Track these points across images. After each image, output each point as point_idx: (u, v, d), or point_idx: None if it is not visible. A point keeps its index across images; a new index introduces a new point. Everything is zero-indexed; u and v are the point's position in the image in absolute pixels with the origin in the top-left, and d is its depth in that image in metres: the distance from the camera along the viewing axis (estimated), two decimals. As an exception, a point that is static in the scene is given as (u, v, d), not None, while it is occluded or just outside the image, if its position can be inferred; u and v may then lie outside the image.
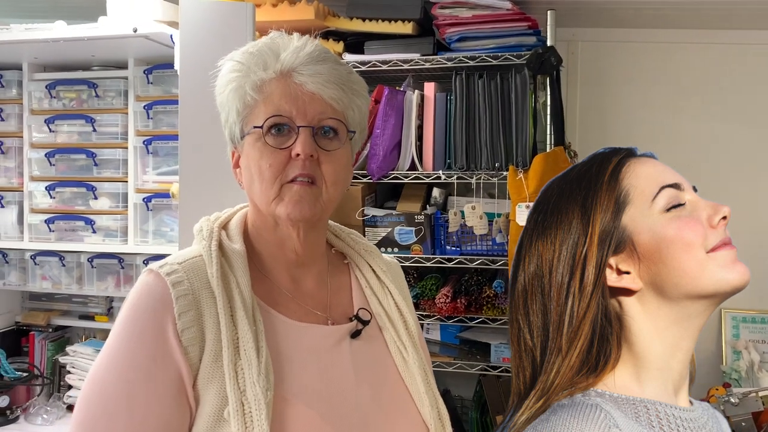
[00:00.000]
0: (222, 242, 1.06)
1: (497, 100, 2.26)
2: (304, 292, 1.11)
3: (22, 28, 2.17)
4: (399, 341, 1.14)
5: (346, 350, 1.08)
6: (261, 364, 0.96)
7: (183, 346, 0.96)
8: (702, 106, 2.70)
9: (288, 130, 1.03)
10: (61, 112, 2.47)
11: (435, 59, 2.32)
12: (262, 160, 1.03)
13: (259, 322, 1.01)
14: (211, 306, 0.99)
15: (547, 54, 2.12)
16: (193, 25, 1.72)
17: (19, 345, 2.63)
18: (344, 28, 2.40)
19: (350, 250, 1.21)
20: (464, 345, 2.46)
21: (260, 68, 1.04)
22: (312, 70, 1.03)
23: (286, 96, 1.03)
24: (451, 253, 2.33)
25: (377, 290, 1.17)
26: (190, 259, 1.03)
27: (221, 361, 0.96)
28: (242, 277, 1.02)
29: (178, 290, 0.98)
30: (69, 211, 2.45)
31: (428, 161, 2.33)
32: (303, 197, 1.03)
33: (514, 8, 2.21)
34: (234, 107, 1.06)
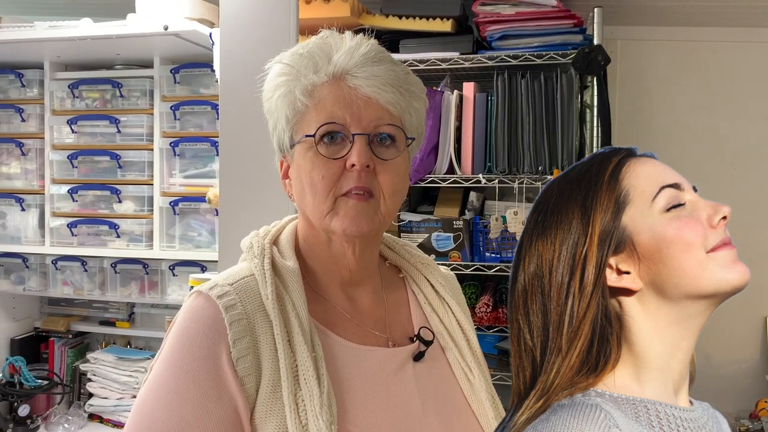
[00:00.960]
0: (274, 259, 1.00)
1: (541, 100, 2.20)
2: (362, 311, 1.05)
3: (46, 25, 2.11)
4: (463, 362, 1.08)
5: (410, 375, 1.02)
6: (323, 395, 0.90)
7: (239, 377, 0.90)
8: (745, 108, 2.62)
9: (342, 139, 0.97)
10: (84, 113, 2.41)
11: (475, 58, 2.27)
12: (314, 171, 0.97)
13: (318, 347, 0.94)
14: (267, 331, 0.93)
15: (594, 53, 2.06)
16: (233, 20, 1.63)
17: (38, 351, 2.63)
18: (379, 26, 2.36)
19: (405, 263, 1.14)
20: (503, 356, 2.39)
21: (311, 71, 0.98)
22: (367, 72, 0.97)
23: (339, 101, 0.97)
24: (491, 260, 2.27)
25: (437, 306, 1.11)
26: (241, 279, 0.97)
27: (280, 392, 0.90)
28: (298, 297, 0.96)
29: (232, 315, 0.92)
30: (92, 215, 2.40)
31: (467, 164, 2.27)
32: (360, 212, 0.96)
33: (560, 5, 2.16)
34: (283, 114, 1.00)
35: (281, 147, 1.02)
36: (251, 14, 1.63)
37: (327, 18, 2.26)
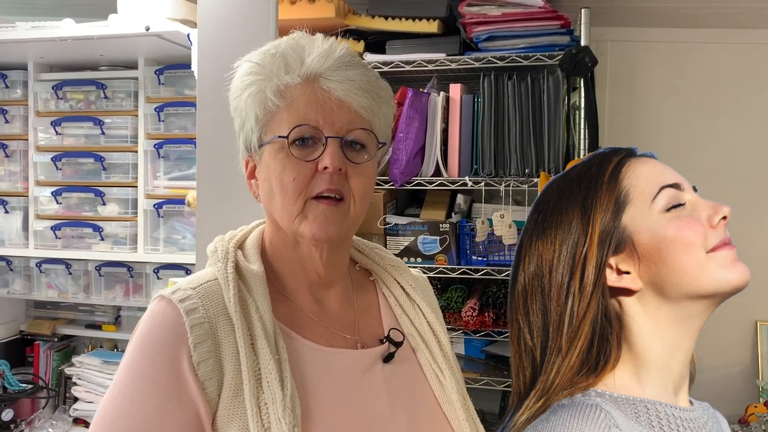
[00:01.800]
0: (239, 263, 1.00)
1: (528, 102, 2.18)
2: (330, 313, 1.04)
3: (28, 26, 2.09)
4: (434, 363, 1.07)
5: (379, 376, 1.01)
6: (286, 398, 0.89)
7: (200, 381, 0.89)
8: (736, 109, 2.60)
9: (314, 141, 0.96)
10: (68, 114, 2.39)
11: (461, 59, 2.25)
12: (284, 172, 0.96)
13: (282, 350, 0.94)
14: (229, 334, 0.92)
15: (581, 54, 2.03)
16: (212, 21, 1.62)
17: (23, 355, 2.61)
18: (365, 27, 2.34)
19: (375, 266, 1.14)
20: (490, 360, 2.38)
21: (283, 71, 0.97)
22: (341, 75, 0.97)
23: (312, 103, 0.96)
24: (478, 263, 2.25)
25: (407, 308, 1.11)
26: (204, 284, 0.97)
27: (242, 395, 0.90)
28: (262, 300, 0.96)
29: (193, 318, 0.91)
30: (76, 218, 2.38)
31: (453, 167, 2.24)
32: (329, 217, 0.96)
33: (546, 6, 2.14)
34: (253, 113, 0.99)
35: (248, 146, 1.01)
36: (229, 15, 1.61)
37: (312, 18, 2.25)
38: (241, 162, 1.05)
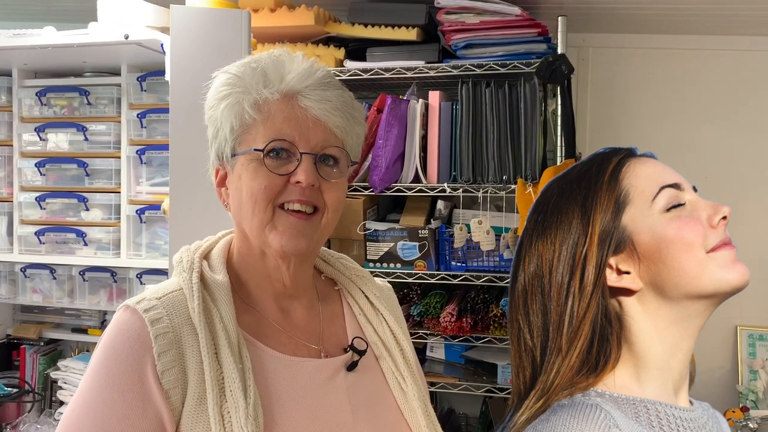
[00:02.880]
0: (204, 273, 1.01)
1: (505, 109, 2.18)
2: (294, 323, 1.06)
3: (10, 33, 2.11)
4: (397, 371, 1.09)
5: (342, 384, 1.03)
6: (249, 406, 0.91)
7: (164, 390, 0.90)
8: (717, 114, 2.61)
9: (288, 155, 0.99)
10: (52, 120, 2.40)
11: (440, 67, 2.25)
12: (255, 181, 0.98)
13: (246, 359, 0.95)
14: (193, 344, 0.94)
15: (557, 62, 2.04)
16: (184, 32, 1.63)
17: (10, 359, 2.60)
18: (345, 34, 2.33)
19: (341, 276, 1.16)
20: (469, 365, 2.38)
21: (261, 85, 0.99)
22: (319, 95, 1.00)
23: (289, 119, 0.98)
24: (457, 269, 2.25)
25: (371, 317, 1.13)
26: (169, 294, 0.98)
27: (206, 404, 0.91)
28: (226, 310, 0.97)
29: (157, 328, 0.92)
30: (60, 223, 2.38)
31: (433, 173, 2.25)
32: (300, 230, 0.99)
33: (524, 14, 2.14)
34: (228, 124, 1.00)
35: (220, 155, 1.02)
36: (202, 25, 1.62)
37: (292, 26, 2.26)
38: (211, 170, 1.06)
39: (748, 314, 2.55)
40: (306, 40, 2.35)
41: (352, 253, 2.35)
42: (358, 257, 2.34)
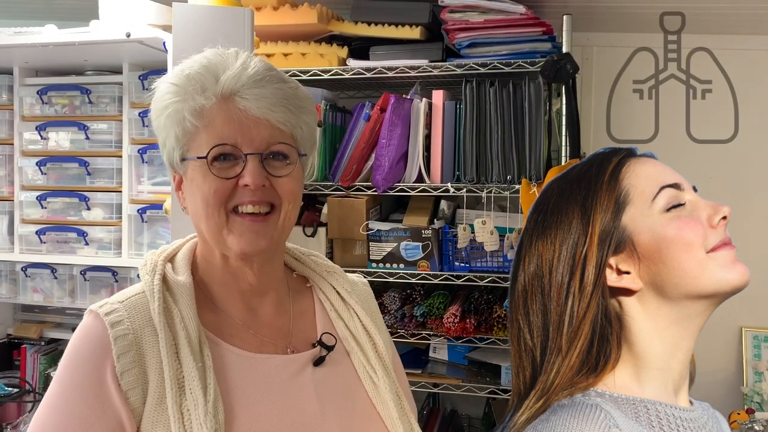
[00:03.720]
0: (166, 275, 1.03)
1: (509, 109, 2.16)
2: (262, 321, 1.07)
3: (10, 31, 2.09)
4: (368, 365, 1.10)
5: (309, 380, 1.04)
6: (208, 404, 0.92)
7: (123, 391, 0.92)
8: (723, 114, 2.57)
9: (234, 158, 0.98)
10: (53, 119, 2.38)
11: (444, 66, 2.24)
12: (205, 185, 0.98)
13: (207, 358, 0.97)
14: (153, 345, 0.96)
15: (562, 61, 2.02)
16: (186, 30, 1.61)
17: (11, 358, 2.58)
18: (348, 33, 2.32)
19: (311, 272, 1.17)
20: (473, 366, 2.37)
21: (198, 92, 0.98)
22: (256, 93, 0.99)
23: (229, 122, 0.98)
24: (460, 269, 2.24)
25: (342, 312, 1.13)
26: (132, 297, 1.00)
27: (166, 403, 0.93)
28: (187, 310, 0.99)
29: (117, 330, 0.94)
30: (61, 222, 2.37)
31: (436, 173, 2.24)
32: (256, 231, 0.99)
33: (528, 13, 2.12)
34: (172, 133, 1.00)
35: (172, 163, 1.03)
36: (205, 22, 1.61)
37: (294, 24, 2.25)
38: (169, 175, 1.07)
39: (753, 316, 2.54)
40: (309, 38, 2.34)
41: (354, 253, 2.34)
42: (361, 257, 2.32)
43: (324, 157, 2.32)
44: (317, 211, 2.40)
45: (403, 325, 2.31)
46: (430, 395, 2.65)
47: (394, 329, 2.31)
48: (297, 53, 2.32)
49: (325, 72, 2.30)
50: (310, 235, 2.33)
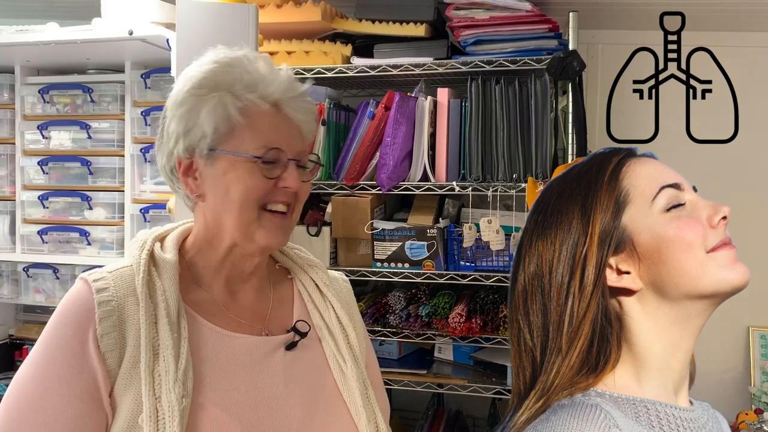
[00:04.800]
0: (154, 252, 1.09)
1: (515, 106, 2.15)
2: (242, 305, 1.14)
3: (12, 30, 2.08)
4: (338, 354, 1.17)
5: (279, 361, 1.11)
6: (179, 371, 0.99)
7: (101, 352, 0.99)
8: (729, 112, 2.56)
9: (275, 160, 1.07)
10: (55, 118, 2.38)
11: (449, 63, 2.22)
12: (250, 182, 1.05)
13: (183, 329, 1.04)
14: (134, 313, 1.02)
15: (569, 58, 2.01)
16: (190, 28, 1.60)
17: (12, 359, 2.58)
18: (352, 30, 2.31)
19: (293, 265, 1.24)
20: (478, 366, 2.35)
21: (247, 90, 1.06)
22: (301, 107, 1.10)
23: (277, 127, 1.07)
24: (465, 269, 2.23)
25: (319, 303, 1.21)
26: (121, 268, 1.07)
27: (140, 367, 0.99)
28: (169, 284, 1.05)
29: (101, 296, 1.01)
30: (63, 222, 2.36)
31: (441, 171, 2.22)
32: (281, 227, 1.09)
33: (534, 10, 2.11)
34: (211, 123, 1.05)
35: (191, 150, 1.07)
36: (209, 19, 1.60)
37: (298, 22, 2.24)
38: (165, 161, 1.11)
39: (761, 315, 2.53)
40: (312, 36, 2.33)
41: (359, 252, 2.33)
42: (366, 257, 2.31)
43: (328, 155, 2.30)
44: (321, 210, 2.39)
45: (408, 325, 2.29)
46: (435, 395, 2.64)
47: (399, 329, 2.30)
48: (301, 51, 2.31)
49: (329, 70, 2.29)
50: (314, 235, 2.31)
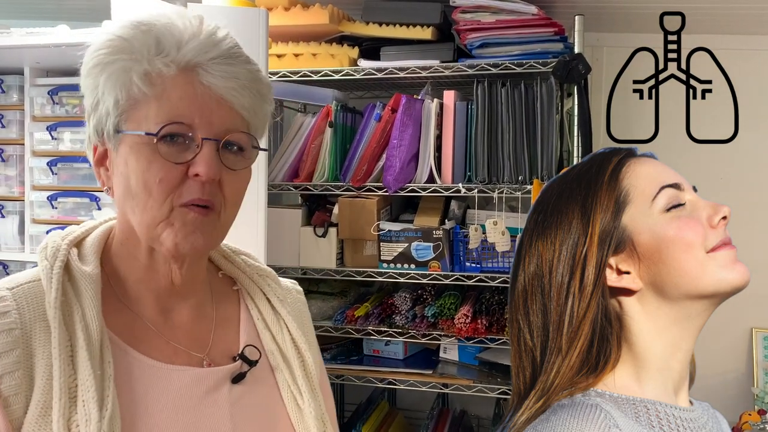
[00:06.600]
0: (70, 263, 0.87)
1: (521, 109, 2.16)
2: (176, 326, 0.94)
3: (23, 32, 2.08)
4: (294, 385, 0.99)
5: (224, 398, 0.92)
6: (103, 420, 0.79)
7: (2, 397, 0.78)
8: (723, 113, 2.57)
9: (186, 141, 0.84)
10: (64, 119, 2.37)
11: (455, 66, 2.24)
12: (148, 171, 0.83)
13: (107, 365, 0.83)
14: (45, 344, 0.81)
15: (574, 61, 2.02)
16: (200, 30, 1.59)
17: (19, 359, 2.53)
18: (360, 33, 2.33)
19: (241, 275, 1.03)
20: (484, 366, 2.36)
21: (154, 54, 0.84)
22: (225, 71, 0.86)
23: (187, 97, 0.84)
24: (471, 270, 2.24)
25: (271, 323, 1.01)
26: (25, 284, 0.84)
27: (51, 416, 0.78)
28: (90, 307, 0.84)
29: (1, 324, 0.80)
30: (71, 222, 2.35)
31: (447, 173, 2.23)
32: (197, 227, 0.86)
33: (540, 13, 2.12)
34: (112, 95, 0.84)
35: (100, 131, 0.87)
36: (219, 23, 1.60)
37: (306, 25, 2.25)
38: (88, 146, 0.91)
39: (764, 316, 2.54)
40: (320, 39, 2.34)
41: (365, 253, 2.34)
42: (372, 258, 2.32)
43: (335, 157, 2.32)
44: (328, 212, 2.40)
45: (414, 326, 2.31)
46: (440, 395, 2.66)
47: (405, 329, 2.31)
48: (308, 54, 2.32)
49: (336, 72, 2.30)
50: (320, 236, 2.33)
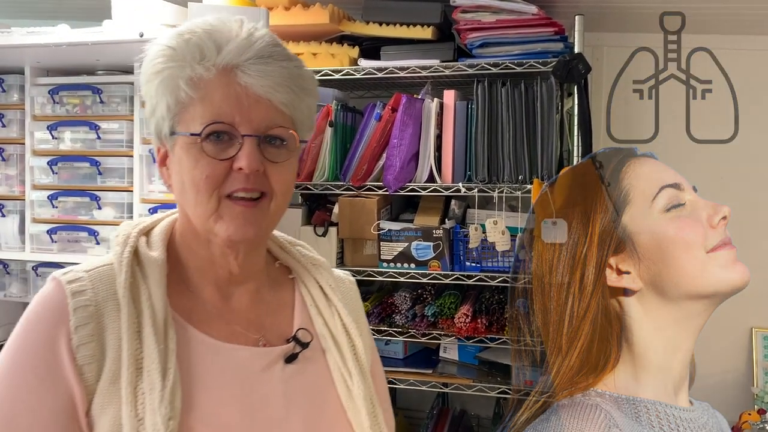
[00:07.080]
0: (138, 249, 0.94)
1: (521, 109, 2.17)
2: (236, 310, 0.99)
3: (23, 31, 2.09)
4: (344, 367, 1.02)
5: (278, 376, 0.97)
6: (166, 389, 0.85)
7: (77, 365, 0.85)
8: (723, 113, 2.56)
9: (229, 138, 0.90)
10: (65, 119, 2.39)
11: (455, 66, 2.24)
12: (196, 169, 0.90)
13: (171, 340, 0.89)
14: (115, 320, 0.88)
15: (574, 61, 2.02)
16: (201, 30, 1.60)
17: (21, 357, 2.53)
18: (360, 33, 2.33)
19: (296, 264, 1.09)
20: (484, 366, 2.37)
21: (196, 60, 0.90)
22: (260, 70, 0.90)
23: (227, 98, 0.90)
24: (471, 269, 2.24)
25: (323, 309, 1.06)
26: (99, 267, 0.92)
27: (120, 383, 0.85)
28: (156, 287, 0.91)
29: (78, 300, 0.87)
30: (72, 221, 2.37)
31: (447, 173, 2.24)
32: (247, 218, 0.91)
33: (540, 13, 2.12)
34: (164, 101, 0.91)
35: (159, 134, 0.94)
36: (220, 23, 1.61)
37: (306, 24, 2.25)
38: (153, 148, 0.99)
39: (764, 316, 2.54)
40: (320, 38, 2.34)
41: (365, 252, 2.34)
42: (372, 257, 2.33)
43: (335, 156, 2.32)
44: (328, 211, 2.40)
45: (414, 325, 2.31)
46: (440, 395, 2.66)
47: (405, 329, 2.31)
48: (308, 53, 2.32)
49: (337, 72, 2.30)
50: (321, 235, 2.33)
